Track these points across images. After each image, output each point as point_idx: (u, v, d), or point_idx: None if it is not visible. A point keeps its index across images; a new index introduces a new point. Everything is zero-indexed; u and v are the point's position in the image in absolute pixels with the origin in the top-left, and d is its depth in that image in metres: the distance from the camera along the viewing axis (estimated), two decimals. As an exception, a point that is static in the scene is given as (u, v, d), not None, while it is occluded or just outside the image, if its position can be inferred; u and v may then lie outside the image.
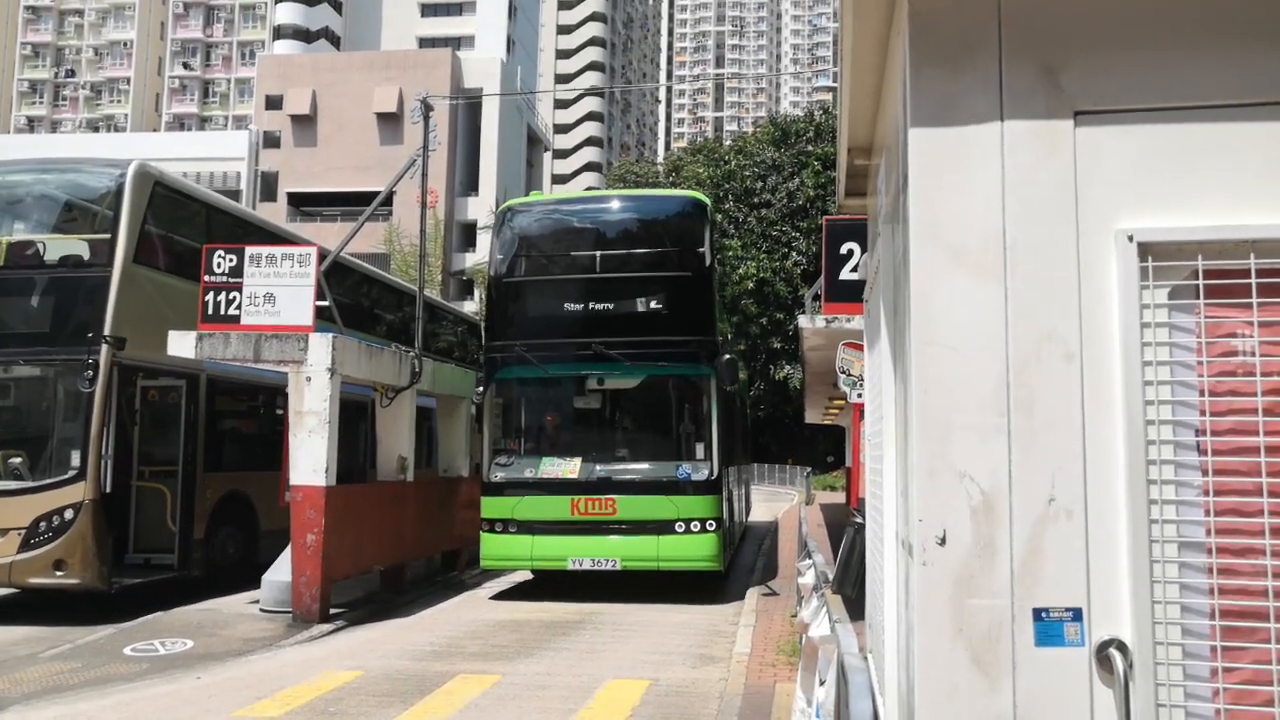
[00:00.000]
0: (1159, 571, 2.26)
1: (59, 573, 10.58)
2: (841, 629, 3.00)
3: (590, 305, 12.60)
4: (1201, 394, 2.29)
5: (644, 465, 12.40)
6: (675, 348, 12.29)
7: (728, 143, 61.14)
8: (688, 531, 11.86)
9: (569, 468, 12.31)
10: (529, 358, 12.50)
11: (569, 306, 12.68)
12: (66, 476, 10.80)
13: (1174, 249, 2.30)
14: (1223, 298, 2.29)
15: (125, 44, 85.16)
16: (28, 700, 7.52)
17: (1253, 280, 2.26)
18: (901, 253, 2.47)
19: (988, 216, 2.37)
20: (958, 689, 2.28)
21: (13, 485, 11.00)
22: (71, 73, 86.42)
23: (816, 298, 15.58)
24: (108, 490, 10.89)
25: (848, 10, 2.59)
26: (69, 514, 10.68)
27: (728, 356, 12.29)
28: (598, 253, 12.99)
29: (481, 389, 12.89)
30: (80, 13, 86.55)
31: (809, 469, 42.32)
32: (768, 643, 9.35)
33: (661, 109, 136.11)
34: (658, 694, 7.69)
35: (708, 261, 12.66)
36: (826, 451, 50.12)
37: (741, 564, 16.26)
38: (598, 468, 12.31)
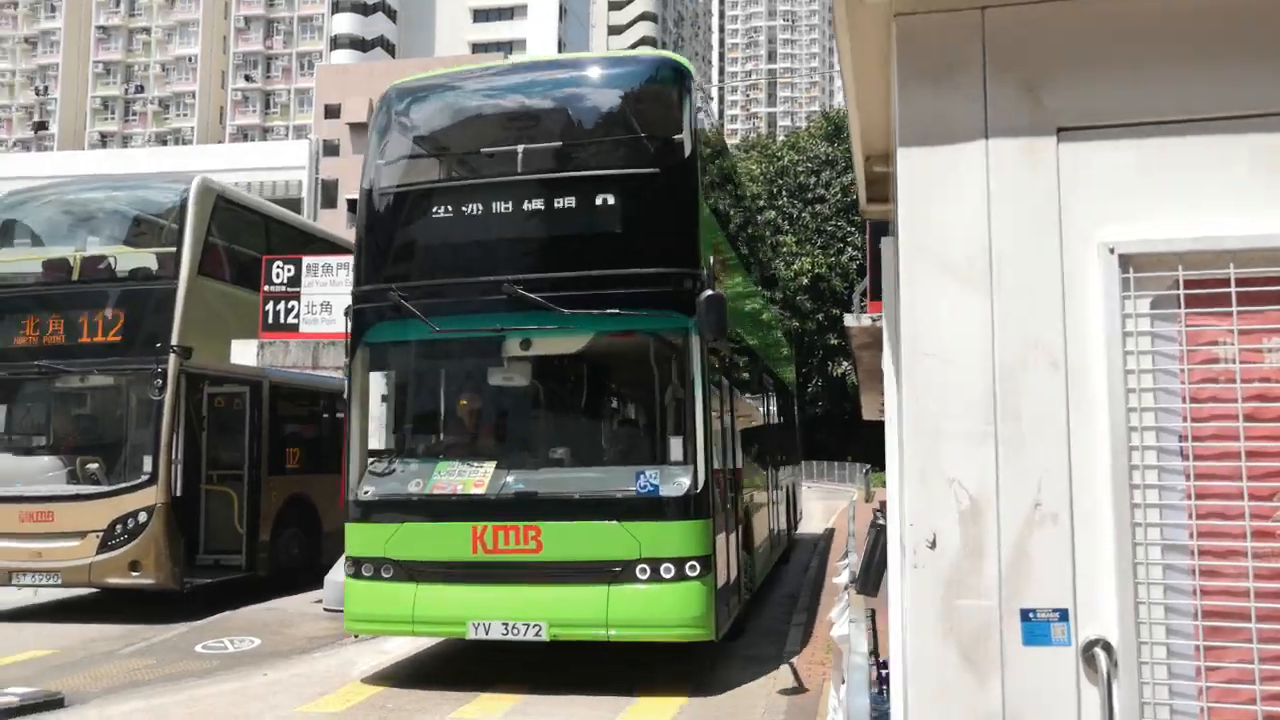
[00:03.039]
0: (1143, 573, 2.34)
1: (134, 573, 11.09)
2: (855, 629, 3.10)
3: (508, 225, 8.06)
4: (1184, 401, 2.36)
5: (586, 474, 7.88)
6: (637, 286, 7.64)
7: (781, 138, 60.86)
8: (655, 579, 7.27)
9: (474, 477, 7.77)
10: (412, 309, 7.90)
11: (476, 227, 8.14)
12: (140, 481, 11.31)
13: (1155, 260, 2.36)
14: (1204, 307, 2.35)
15: (190, 59, 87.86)
16: (106, 695, 7.94)
17: (1232, 290, 2.32)
18: (894, 263, 2.58)
19: (974, 230, 2.46)
20: (948, 686, 2.38)
21: (90, 490, 11.55)
22: (140, 88, 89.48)
23: (864, 295, 15.09)
24: (178, 494, 11.38)
25: (843, 33, 2.69)
26: (143, 517, 11.18)
27: (708, 294, 7.37)
28: (520, 147, 8.38)
29: (347, 359, 8.54)
30: (148, 30, 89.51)
31: (868, 466, 41.97)
32: (819, 641, 9.39)
33: (714, 105, 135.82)
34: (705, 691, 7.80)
35: (688, 151, 7.98)
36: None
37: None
38: (515, 478, 7.81)
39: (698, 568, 7.38)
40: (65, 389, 12.49)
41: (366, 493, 8.11)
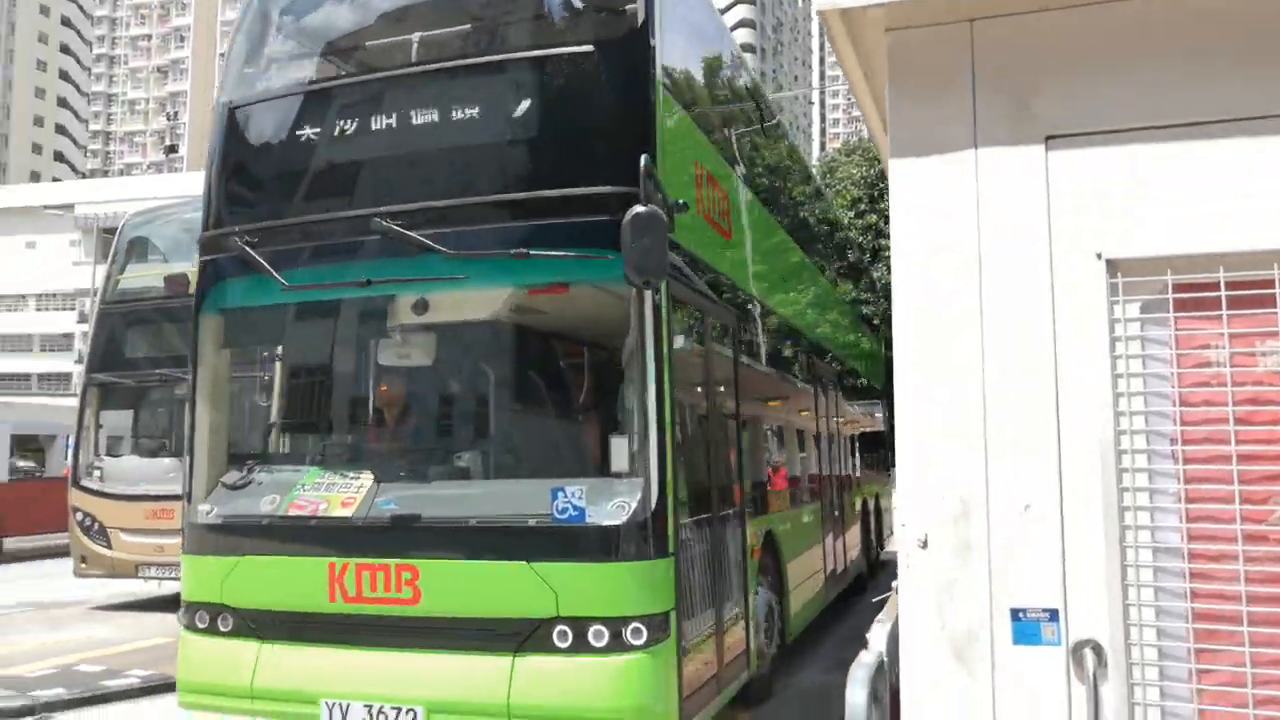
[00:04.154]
0: (1133, 575, 2.35)
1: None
2: (878, 628, 3.15)
3: (394, 137, 5.68)
4: (1175, 404, 2.36)
5: (481, 490, 5.62)
6: (557, 213, 5.27)
7: (883, 139, 59.51)
8: (580, 647, 4.93)
9: (345, 493, 5.58)
10: (261, 261, 5.68)
11: (351, 143, 5.81)
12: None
13: (1144, 265, 2.37)
14: (1195, 310, 2.35)
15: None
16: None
17: (1222, 293, 2.31)
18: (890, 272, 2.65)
19: (963, 240, 2.51)
20: (939, 684, 2.43)
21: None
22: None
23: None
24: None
25: (845, 48, 2.78)
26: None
27: (636, 210, 4.82)
28: (416, 35, 6.10)
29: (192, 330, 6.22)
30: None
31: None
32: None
33: (815, 110, 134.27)
34: (783, 699, 7.84)
35: (640, 20, 5.54)
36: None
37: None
38: (391, 496, 5.51)
39: (644, 632, 4.85)
40: (185, 396, 13.35)
41: (208, 513, 5.85)
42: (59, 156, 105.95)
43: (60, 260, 65.73)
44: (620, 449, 5.18)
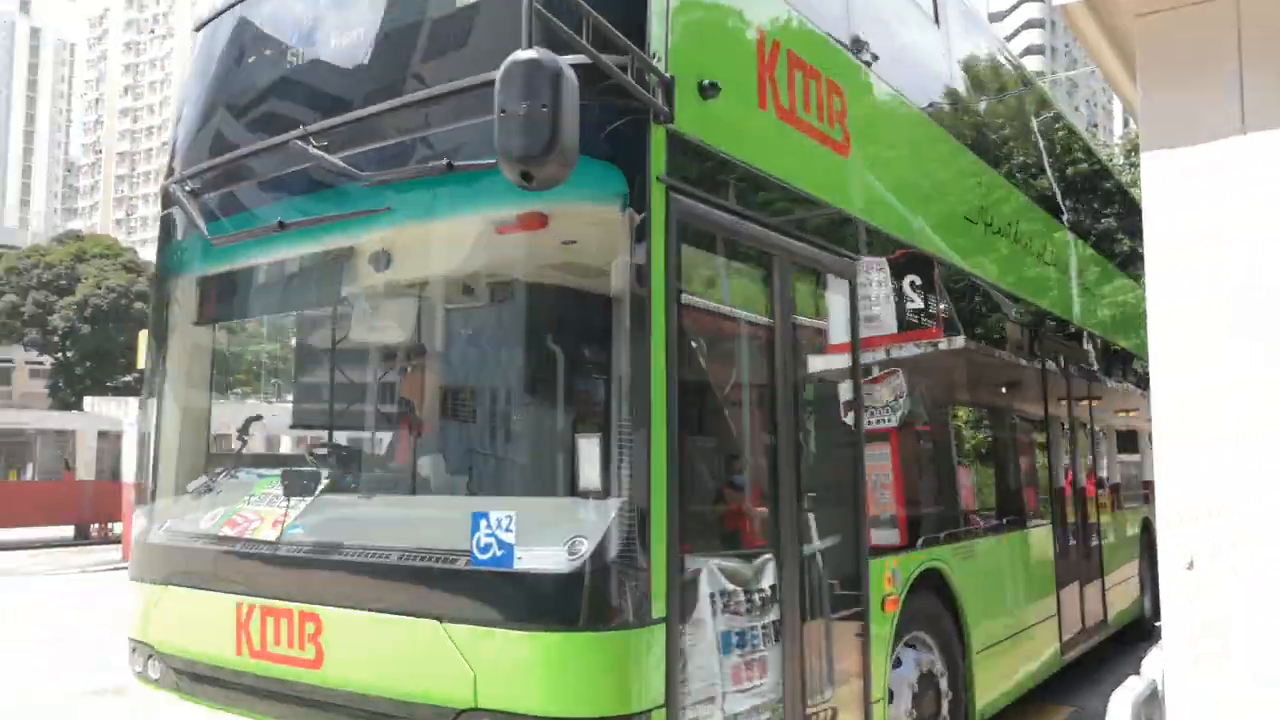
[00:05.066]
0: None
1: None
2: (1154, 652, 2.92)
3: (336, 36, 4.31)
4: None
5: (402, 512, 4.07)
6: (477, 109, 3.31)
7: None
8: None
9: (280, 509, 4.11)
10: (191, 211, 4.60)
11: (295, 53, 4.51)
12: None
13: None
14: None
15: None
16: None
17: None
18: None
19: (1227, 233, 2.28)
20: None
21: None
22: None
23: None
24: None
25: (1100, 47, 2.62)
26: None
27: (513, 58, 2.82)
28: None
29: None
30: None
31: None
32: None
33: (1113, 95, 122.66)
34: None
35: None
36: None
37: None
38: (307, 516, 4.03)
39: None
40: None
41: (159, 528, 4.70)
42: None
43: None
44: (589, 456, 3.36)
